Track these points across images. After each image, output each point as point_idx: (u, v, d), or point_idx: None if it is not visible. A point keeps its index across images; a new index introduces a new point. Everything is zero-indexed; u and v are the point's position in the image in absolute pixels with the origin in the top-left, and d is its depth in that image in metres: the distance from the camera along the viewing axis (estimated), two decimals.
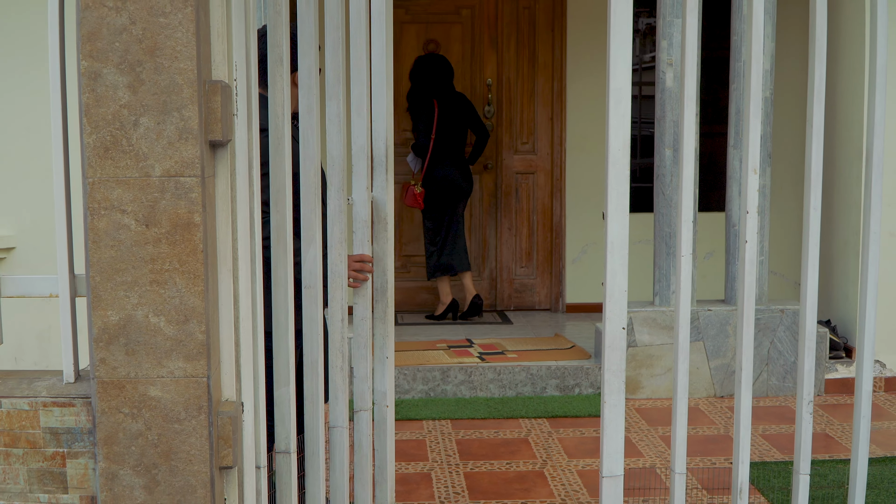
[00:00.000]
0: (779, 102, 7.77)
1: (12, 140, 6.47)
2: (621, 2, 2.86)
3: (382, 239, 3.96)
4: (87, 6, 2.58)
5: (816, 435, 5.92)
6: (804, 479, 3.15)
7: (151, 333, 2.68)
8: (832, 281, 7.52)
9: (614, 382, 2.99)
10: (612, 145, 2.92)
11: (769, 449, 5.67)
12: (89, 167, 2.62)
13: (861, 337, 3.24)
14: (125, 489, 2.74)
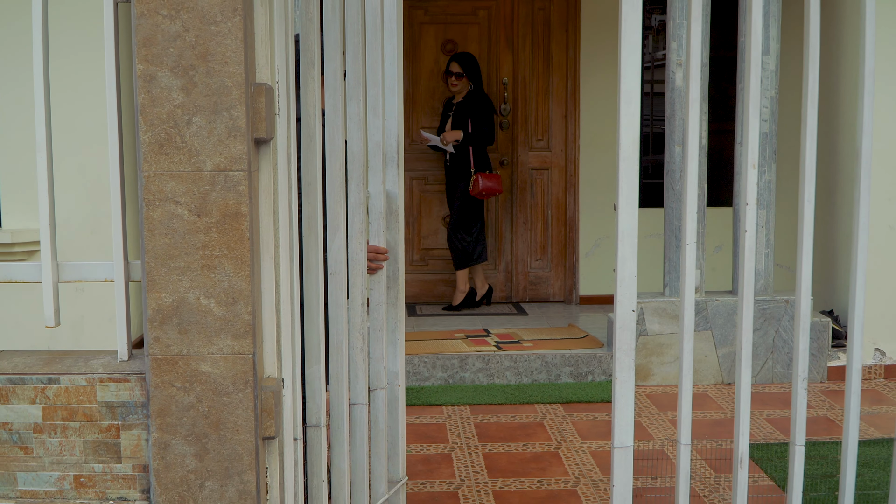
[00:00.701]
0: (785, 101, 7.96)
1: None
2: (631, 10, 3.07)
3: (394, 229, 4.17)
4: (142, 14, 2.81)
5: (819, 419, 6.12)
6: (800, 451, 3.36)
7: (202, 314, 2.90)
8: (835, 273, 7.71)
9: (625, 360, 3.21)
10: (622, 142, 3.13)
11: (773, 432, 5.87)
12: (145, 162, 2.84)
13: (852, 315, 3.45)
14: (177, 457, 2.97)
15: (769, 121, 6.95)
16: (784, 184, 8.31)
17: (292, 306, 3.25)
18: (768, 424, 6.02)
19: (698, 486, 5.01)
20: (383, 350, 4.04)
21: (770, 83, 6.94)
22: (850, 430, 3.39)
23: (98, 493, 3.05)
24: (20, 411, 3.02)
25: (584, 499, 4.81)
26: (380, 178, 3.93)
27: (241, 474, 2.98)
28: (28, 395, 3.01)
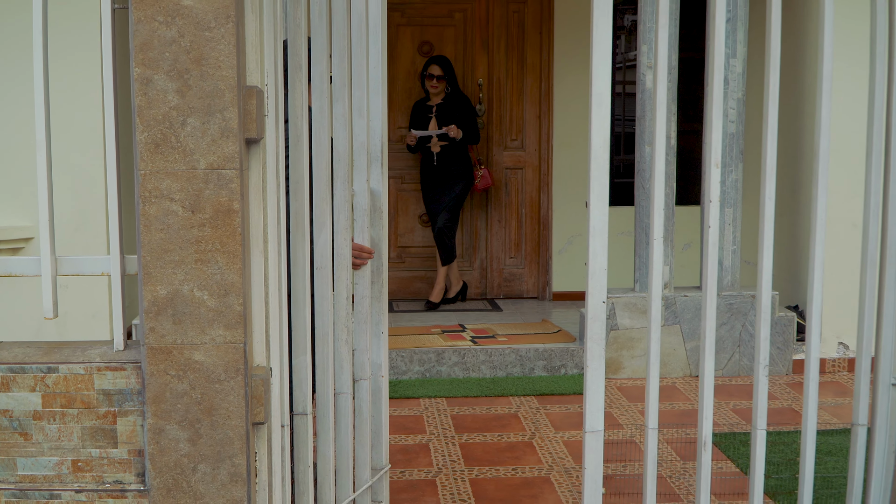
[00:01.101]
0: (753, 102, 8.12)
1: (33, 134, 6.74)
2: (602, 16, 3.22)
3: (378, 226, 4.31)
4: (139, 20, 2.94)
5: (784, 409, 6.30)
6: (761, 434, 3.51)
7: (196, 305, 3.03)
8: (799, 269, 7.89)
9: (595, 349, 3.36)
10: (594, 142, 3.28)
11: (739, 422, 6.04)
12: (141, 161, 2.97)
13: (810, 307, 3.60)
14: (171, 442, 3.10)
15: (736, 122, 7.12)
16: (752, 182, 8.48)
17: (280, 299, 3.38)
18: (734, 414, 6.19)
19: (666, 472, 5.17)
20: (367, 342, 4.18)
21: (737, 85, 7.11)
22: (809, 416, 3.55)
23: (95, 477, 3.18)
24: (20, 399, 3.14)
25: (557, 485, 4.96)
26: (364, 177, 4.07)
27: (232, 458, 3.12)
28: (28, 383, 3.13)
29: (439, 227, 8.84)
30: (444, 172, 8.85)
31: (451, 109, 8.80)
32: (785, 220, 7.86)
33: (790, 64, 7.75)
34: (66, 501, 3.18)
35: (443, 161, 8.83)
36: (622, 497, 4.79)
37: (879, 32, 3.45)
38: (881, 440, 3.61)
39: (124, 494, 3.17)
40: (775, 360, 7.27)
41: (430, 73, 8.73)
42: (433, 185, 8.92)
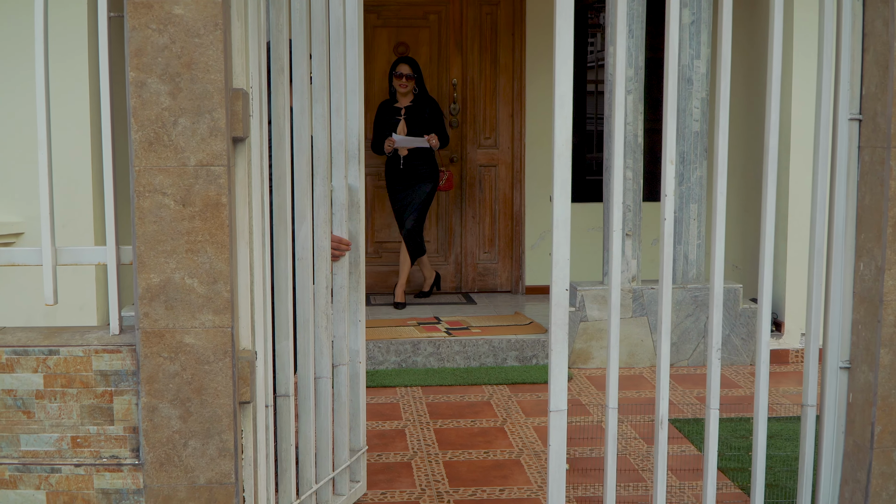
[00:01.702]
0: None
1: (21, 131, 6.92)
2: (564, 25, 3.46)
3: (356, 220, 4.55)
4: (134, 28, 3.16)
5: (747, 397, 6.55)
6: (714, 413, 3.76)
7: (187, 292, 3.26)
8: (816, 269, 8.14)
9: (559, 334, 3.60)
10: (557, 141, 3.52)
11: (702, 408, 6.28)
12: (136, 158, 3.20)
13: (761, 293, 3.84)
14: (163, 419, 3.32)
15: (700, 120, 7.38)
16: None
17: (264, 287, 3.61)
18: (697, 402, 6.44)
19: (632, 457, 5.41)
20: (346, 329, 4.42)
21: (701, 85, 7.36)
22: (761, 396, 3.80)
23: (93, 453, 3.40)
24: (24, 379, 3.36)
25: (526, 467, 5.20)
26: (342, 173, 4.31)
27: (220, 434, 3.34)
28: (31, 364, 3.35)
29: (408, 228, 8.88)
30: (412, 174, 8.84)
31: (419, 112, 8.82)
32: (752, 217, 8.12)
33: (757, 62, 8.00)
34: (66, 475, 3.40)
35: (409, 163, 8.82)
36: (588, 477, 5.03)
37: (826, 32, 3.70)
38: (831, 421, 3.86)
39: (120, 468, 3.39)
40: (740, 351, 7.53)
41: (398, 72, 8.74)
42: (400, 187, 8.92)
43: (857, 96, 3.68)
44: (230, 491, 3.38)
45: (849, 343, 3.79)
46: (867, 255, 3.65)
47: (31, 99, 6.54)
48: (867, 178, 3.64)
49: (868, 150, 3.63)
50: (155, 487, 3.36)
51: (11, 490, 3.43)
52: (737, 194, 8.40)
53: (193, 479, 3.35)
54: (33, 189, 6.88)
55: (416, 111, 8.82)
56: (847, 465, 3.82)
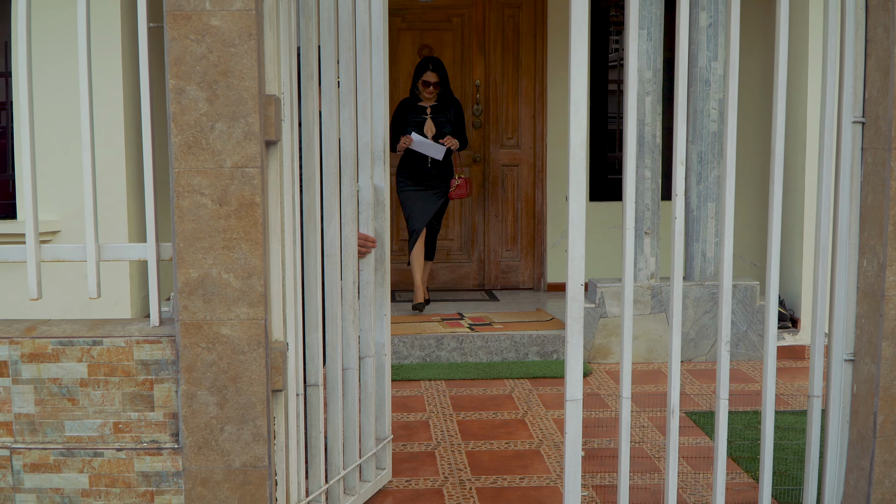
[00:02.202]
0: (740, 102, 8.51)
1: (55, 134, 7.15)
2: (579, 34, 3.63)
3: (381, 218, 4.74)
4: (174, 38, 3.36)
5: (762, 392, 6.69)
6: (723, 403, 3.94)
7: (223, 286, 3.45)
8: (781, 259, 8.29)
9: (574, 327, 3.77)
10: (572, 143, 3.69)
11: None
12: (176, 160, 3.40)
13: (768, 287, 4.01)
14: (202, 405, 3.52)
15: (717, 121, 7.54)
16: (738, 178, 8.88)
17: (295, 282, 3.80)
18: (714, 396, 6.58)
19: (648, 448, 5.58)
20: (371, 323, 4.61)
21: (718, 87, 7.53)
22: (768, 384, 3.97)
23: (134, 438, 3.60)
24: (69, 368, 3.56)
25: (545, 457, 5.38)
26: (368, 174, 4.50)
27: (254, 420, 3.54)
28: (76, 354, 3.55)
29: (437, 228, 8.75)
30: (438, 175, 8.58)
31: (444, 111, 8.61)
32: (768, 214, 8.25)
33: (771, 61, 8.14)
34: (108, 459, 3.60)
35: (437, 163, 8.52)
36: (606, 466, 5.20)
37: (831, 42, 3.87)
38: (836, 411, 4.03)
39: (160, 452, 3.59)
40: (757, 347, 7.68)
41: (426, 80, 8.50)
42: (424, 186, 8.62)
43: (861, 100, 3.85)
44: (263, 474, 3.57)
45: (853, 336, 3.96)
46: (870, 253, 3.82)
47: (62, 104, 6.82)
48: (870, 179, 3.80)
49: (870, 151, 3.79)
50: (193, 470, 3.56)
51: (56, 474, 3.63)
52: (756, 193, 8.56)
53: (229, 463, 3.55)
54: (67, 189, 7.16)
55: (441, 111, 8.62)
56: (852, 454, 3.99)
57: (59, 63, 7.03)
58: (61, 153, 7.10)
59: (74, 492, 3.63)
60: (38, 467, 3.63)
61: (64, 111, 6.80)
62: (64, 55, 7.07)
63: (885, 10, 3.68)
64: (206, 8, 3.34)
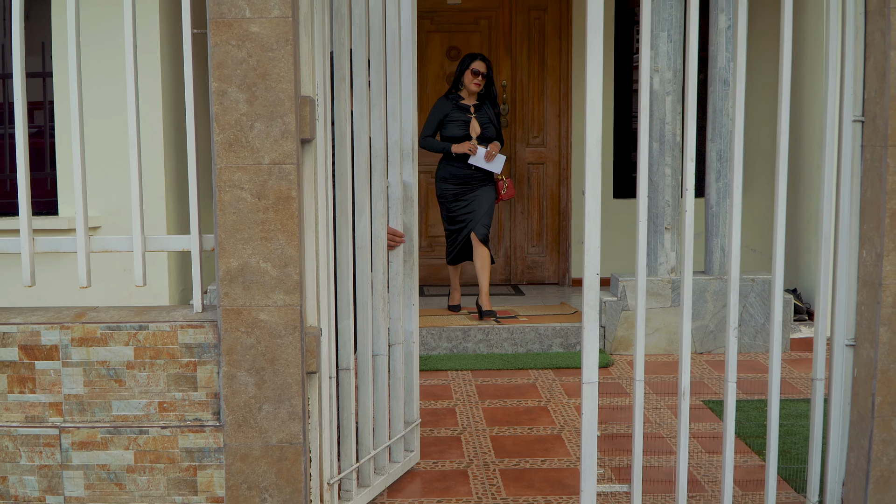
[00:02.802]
0: (755, 102, 8.72)
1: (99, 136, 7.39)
2: (595, 37, 3.85)
3: (410, 213, 4.96)
4: (216, 44, 3.60)
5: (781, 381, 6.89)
6: (731, 387, 4.14)
7: (261, 274, 3.69)
8: (798, 254, 8.49)
9: (590, 313, 3.99)
10: (588, 141, 3.91)
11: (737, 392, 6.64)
12: (218, 157, 3.64)
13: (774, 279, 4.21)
14: (241, 386, 3.76)
15: None
16: (755, 177, 9.08)
17: (328, 272, 4.04)
18: None
19: (666, 432, 5.78)
20: (400, 312, 4.84)
21: None
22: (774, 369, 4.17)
23: (178, 416, 3.84)
24: (116, 352, 3.81)
25: (566, 441, 5.60)
26: (398, 171, 4.72)
27: (290, 399, 3.78)
28: (123, 338, 3.80)
29: (483, 234, 8.20)
30: (481, 177, 8.23)
31: (485, 112, 8.30)
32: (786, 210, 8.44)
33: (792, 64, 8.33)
34: (153, 436, 3.85)
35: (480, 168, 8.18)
36: (624, 450, 5.41)
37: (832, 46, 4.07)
38: (838, 394, 4.22)
39: (202, 429, 3.83)
40: None
41: (475, 69, 8.10)
42: (470, 189, 8.25)
43: (860, 100, 4.05)
44: (298, 450, 3.81)
45: (854, 323, 4.16)
46: (868, 244, 4.02)
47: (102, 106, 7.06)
48: (868, 174, 4.00)
49: (869, 148, 3.99)
50: (233, 446, 3.80)
51: (103, 451, 3.88)
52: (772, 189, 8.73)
53: (267, 440, 3.79)
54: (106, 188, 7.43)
55: (483, 110, 8.29)
56: (852, 434, 4.18)
57: (98, 67, 7.26)
58: (101, 153, 7.33)
59: (120, 468, 3.87)
60: (86, 445, 3.87)
61: (103, 113, 7.04)
62: (103, 59, 7.29)
63: (881, 15, 3.87)
64: (247, 15, 3.58)
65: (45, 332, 3.80)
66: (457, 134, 8.17)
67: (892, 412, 4.01)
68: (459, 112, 8.22)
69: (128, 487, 3.86)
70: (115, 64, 6.99)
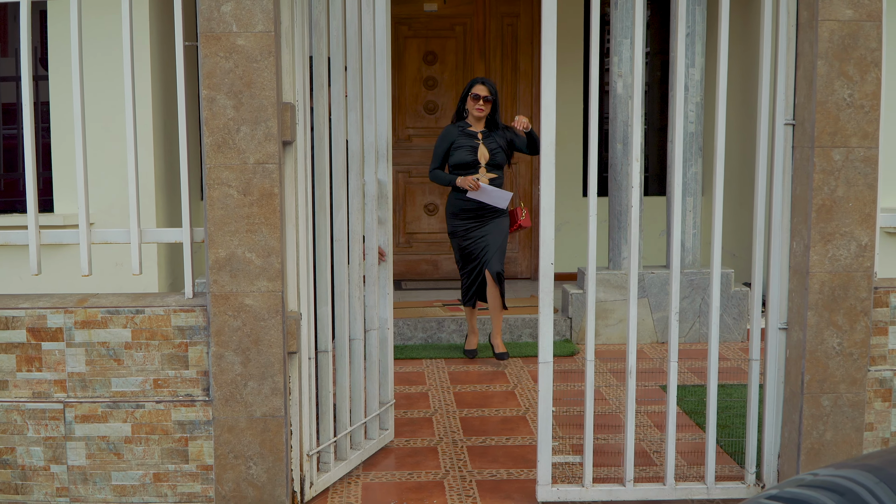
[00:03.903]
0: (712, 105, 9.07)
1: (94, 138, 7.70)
2: (549, 49, 4.21)
3: (384, 208, 5.31)
4: (206, 55, 3.95)
5: (733, 368, 7.27)
6: (674, 366, 4.51)
7: (246, 263, 4.05)
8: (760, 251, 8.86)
9: (545, 299, 4.36)
10: (544, 142, 4.28)
11: (691, 377, 7.03)
12: (207, 157, 3.99)
13: (713, 263, 4.58)
14: (229, 364, 4.12)
15: (695, 122, 8.10)
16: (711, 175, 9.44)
17: (308, 262, 4.39)
18: (689, 372, 7.17)
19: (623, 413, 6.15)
20: (376, 300, 5.19)
21: (696, 91, 8.09)
22: (712, 347, 4.54)
23: (171, 392, 4.20)
24: (115, 333, 4.16)
25: (530, 422, 5.97)
26: (373, 170, 5.08)
27: (273, 377, 4.13)
28: (121, 322, 4.15)
29: (497, 270, 7.46)
30: (494, 208, 7.45)
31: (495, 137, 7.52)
32: (745, 209, 8.83)
33: (749, 66, 8.72)
34: (149, 410, 4.20)
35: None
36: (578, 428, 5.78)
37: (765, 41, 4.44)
38: (773, 373, 4.60)
39: (193, 404, 4.19)
40: (731, 329, 8.25)
41: (475, 94, 7.41)
42: (482, 223, 7.48)
43: (792, 105, 4.42)
44: (280, 423, 4.17)
45: (786, 308, 4.54)
46: (798, 236, 4.39)
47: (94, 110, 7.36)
48: (798, 173, 4.38)
49: (799, 149, 4.37)
50: (221, 419, 4.15)
51: (103, 423, 4.23)
52: (734, 189, 9.11)
53: (251, 413, 4.15)
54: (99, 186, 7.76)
55: (492, 136, 7.52)
56: (786, 410, 4.56)
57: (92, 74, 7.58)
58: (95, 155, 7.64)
59: (119, 438, 4.23)
60: (88, 418, 4.22)
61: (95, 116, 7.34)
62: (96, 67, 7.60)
63: (810, 28, 4.25)
64: (233, 30, 3.94)
65: (51, 315, 4.15)
66: (465, 160, 7.41)
67: (820, 389, 4.38)
68: (466, 138, 7.49)
69: (125, 457, 4.22)
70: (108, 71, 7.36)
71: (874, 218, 4.28)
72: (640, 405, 6.28)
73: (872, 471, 2.30)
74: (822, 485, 2.30)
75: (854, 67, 4.20)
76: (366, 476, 5.02)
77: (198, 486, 4.23)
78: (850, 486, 2.24)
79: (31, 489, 4.28)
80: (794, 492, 2.32)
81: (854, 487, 2.23)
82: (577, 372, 7.14)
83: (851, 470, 2.33)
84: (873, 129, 4.23)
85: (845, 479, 2.30)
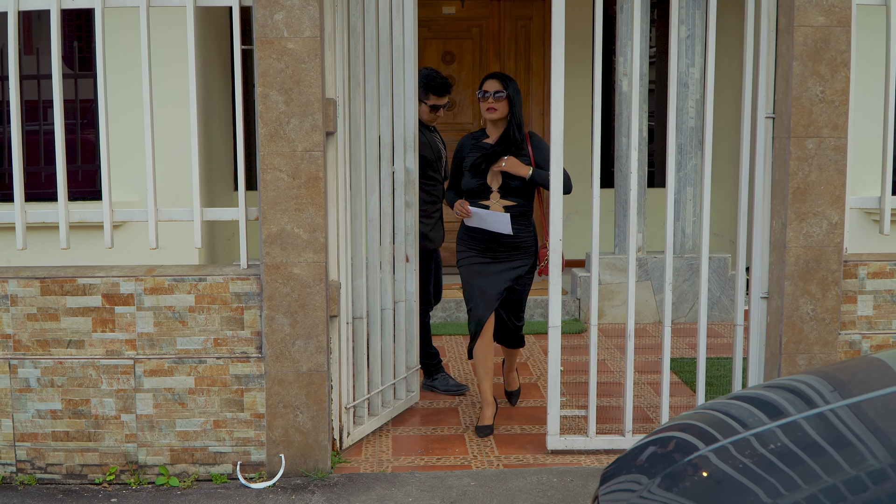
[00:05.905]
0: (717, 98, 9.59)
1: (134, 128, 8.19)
2: (558, 49, 4.75)
3: (411, 193, 5.82)
4: (261, 57, 4.51)
5: (728, 344, 7.79)
6: (667, 330, 5.05)
7: (295, 238, 4.60)
8: None
9: (555, 271, 4.90)
10: (553, 135, 4.82)
11: (689, 352, 7.55)
12: (262, 146, 4.54)
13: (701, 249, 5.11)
14: (279, 325, 4.67)
15: (695, 117, 8.63)
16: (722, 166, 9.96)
17: (346, 238, 4.94)
18: (687, 347, 7.70)
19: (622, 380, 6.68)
20: (404, 275, 5.73)
21: (695, 88, 8.61)
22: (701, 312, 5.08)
23: (229, 350, 4.75)
24: (180, 298, 4.71)
25: (541, 388, 6.51)
26: (402, 158, 5.61)
27: (317, 336, 4.69)
28: (185, 288, 4.70)
29: (520, 324, 6.26)
30: (513, 243, 5.81)
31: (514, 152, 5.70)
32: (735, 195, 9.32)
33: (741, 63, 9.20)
34: (210, 365, 4.75)
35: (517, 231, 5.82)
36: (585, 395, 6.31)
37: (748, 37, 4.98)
38: (755, 336, 5.13)
39: (248, 360, 4.74)
40: (728, 310, 8.77)
41: (483, 91, 5.65)
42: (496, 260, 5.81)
43: (772, 100, 4.96)
44: (323, 377, 4.72)
45: (767, 279, 5.07)
46: (777, 216, 4.93)
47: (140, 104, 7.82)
48: (777, 160, 4.92)
49: (778, 139, 4.90)
50: (272, 373, 4.71)
51: (169, 377, 4.78)
52: (732, 178, 9.61)
53: (298, 368, 4.70)
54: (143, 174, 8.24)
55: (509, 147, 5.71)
56: (767, 370, 5.09)
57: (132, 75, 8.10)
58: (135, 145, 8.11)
59: (183, 390, 4.78)
60: (155, 372, 4.77)
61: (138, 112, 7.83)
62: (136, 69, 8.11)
63: (787, 32, 4.78)
64: (284, 35, 4.49)
65: (123, 283, 4.71)
66: (469, 186, 5.73)
67: (796, 350, 4.91)
68: (477, 151, 5.79)
69: (189, 405, 4.77)
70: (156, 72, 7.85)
71: (843, 200, 4.81)
72: (641, 374, 6.81)
73: (816, 374, 2.86)
74: (777, 385, 2.87)
75: (826, 67, 4.72)
76: (395, 430, 5.57)
77: (251, 432, 4.79)
78: (793, 384, 2.81)
79: (102, 436, 4.81)
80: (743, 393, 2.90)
81: (799, 386, 2.79)
82: (584, 347, 7.67)
83: (800, 376, 2.90)
84: (843, 122, 4.75)
85: (794, 381, 2.87)
